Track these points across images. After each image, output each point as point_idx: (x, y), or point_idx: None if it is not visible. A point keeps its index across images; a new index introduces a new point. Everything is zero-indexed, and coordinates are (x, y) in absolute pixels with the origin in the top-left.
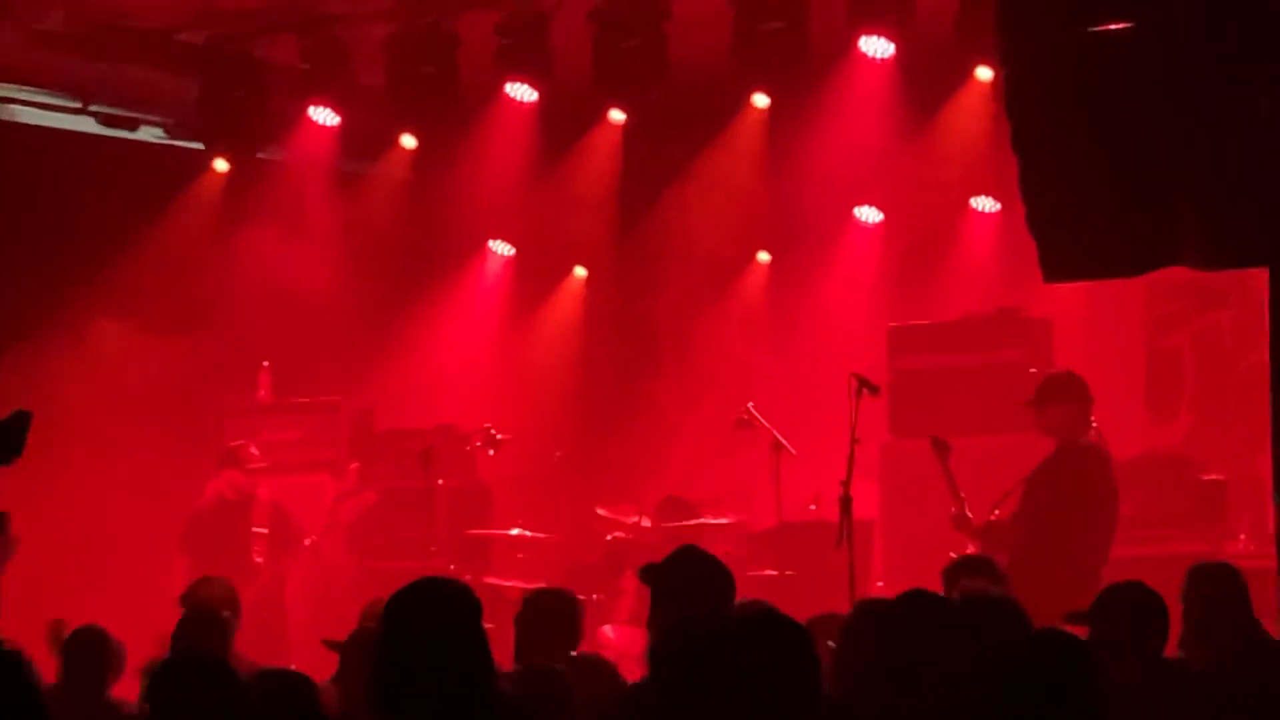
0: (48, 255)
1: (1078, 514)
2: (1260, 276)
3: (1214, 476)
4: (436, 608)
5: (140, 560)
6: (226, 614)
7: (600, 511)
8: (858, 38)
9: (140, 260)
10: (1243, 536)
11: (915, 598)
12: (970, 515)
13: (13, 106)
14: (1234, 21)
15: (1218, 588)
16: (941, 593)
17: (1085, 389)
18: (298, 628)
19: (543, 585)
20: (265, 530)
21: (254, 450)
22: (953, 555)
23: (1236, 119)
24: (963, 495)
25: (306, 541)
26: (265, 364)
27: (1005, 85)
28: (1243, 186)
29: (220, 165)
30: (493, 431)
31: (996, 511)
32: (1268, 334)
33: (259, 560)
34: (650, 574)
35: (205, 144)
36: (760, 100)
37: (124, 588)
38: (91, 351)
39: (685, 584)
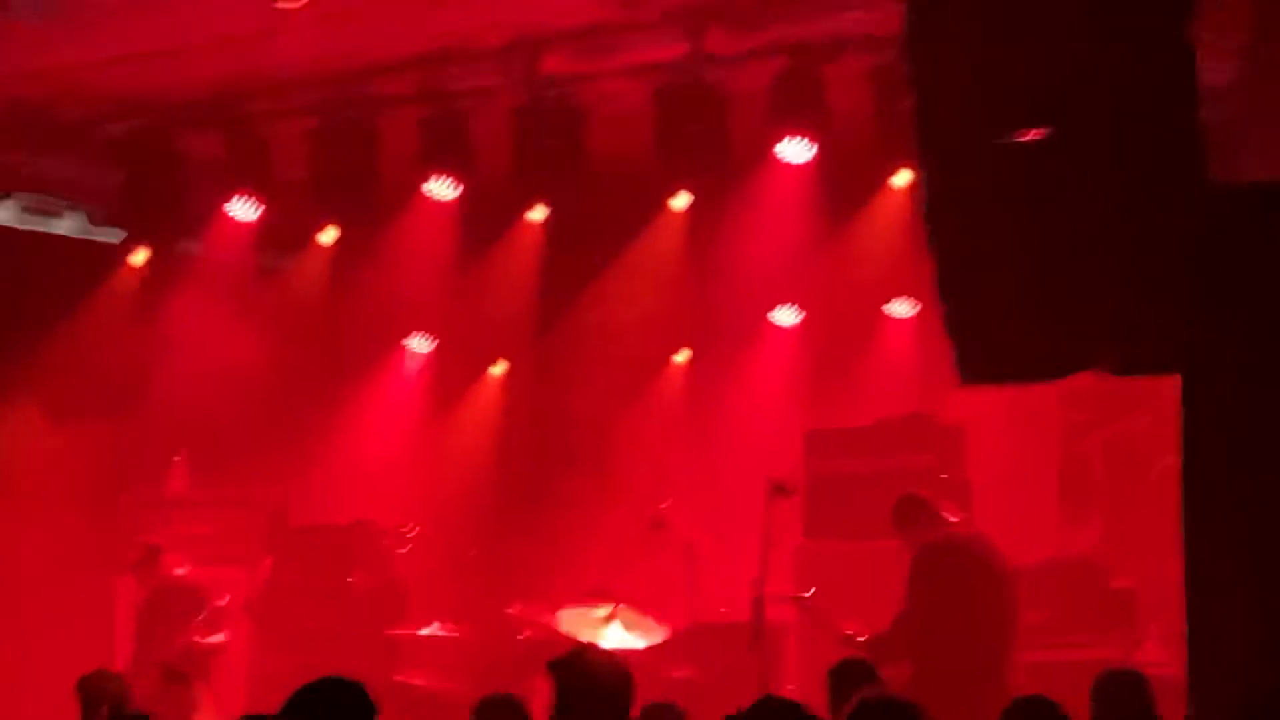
0: None
1: (951, 607)
2: (1172, 384)
3: (1123, 583)
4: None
5: (43, 647)
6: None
7: (513, 610)
8: (778, 140)
9: (58, 350)
10: (1152, 644)
11: None
12: (854, 635)
13: None
14: (1149, 132)
15: (1125, 695)
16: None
17: (920, 505)
18: None
19: (455, 684)
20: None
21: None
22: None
23: (1150, 228)
24: (835, 622)
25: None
26: (179, 457)
27: (921, 189)
28: (1156, 295)
29: (139, 257)
30: (408, 528)
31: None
32: (1179, 441)
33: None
34: (553, 669)
35: (125, 236)
36: (680, 200)
37: (25, 672)
38: (7, 439)
39: (580, 682)
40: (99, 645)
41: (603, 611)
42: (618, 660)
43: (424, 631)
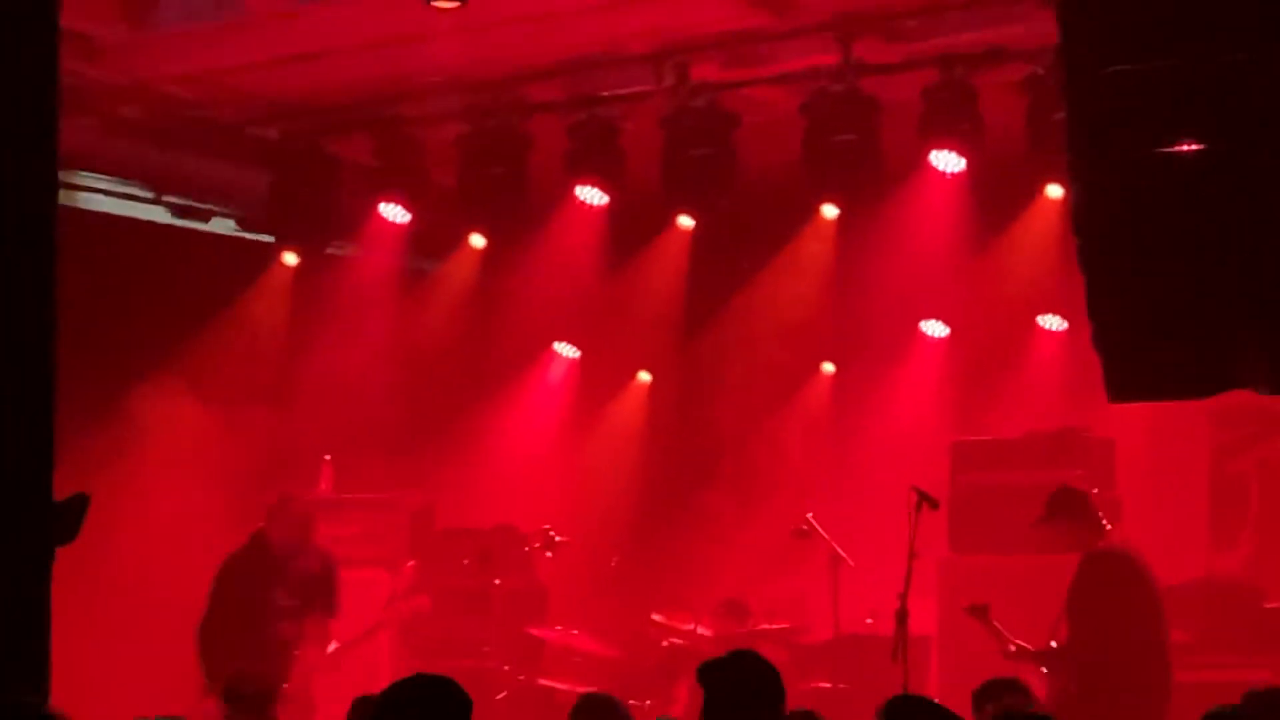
0: (119, 341)
1: (1123, 617)
2: None
3: (1276, 604)
4: (425, 706)
5: (170, 621)
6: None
7: (656, 617)
8: (929, 151)
9: (210, 349)
10: None
11: None
12: (1026, 646)
13: (89, 195)
14: None
15: (1277, 715)
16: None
17: (1085, 502)
18: None
19: (593, 690)
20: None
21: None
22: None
23: None
24: (1007, 635)
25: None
26: (327, 457)
27: (1073, 203)
28: None
29: (290, 258)
30: (551, 533)
31: (1053, 642)
32: None
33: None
34: (705, 673)
35: (276, 237)
36: (829, 210)
37: (176, 664)
38: (158, 420)
39: (736, 687)
40: None
41: None
42: (769, 665)
43: (563, 631)
